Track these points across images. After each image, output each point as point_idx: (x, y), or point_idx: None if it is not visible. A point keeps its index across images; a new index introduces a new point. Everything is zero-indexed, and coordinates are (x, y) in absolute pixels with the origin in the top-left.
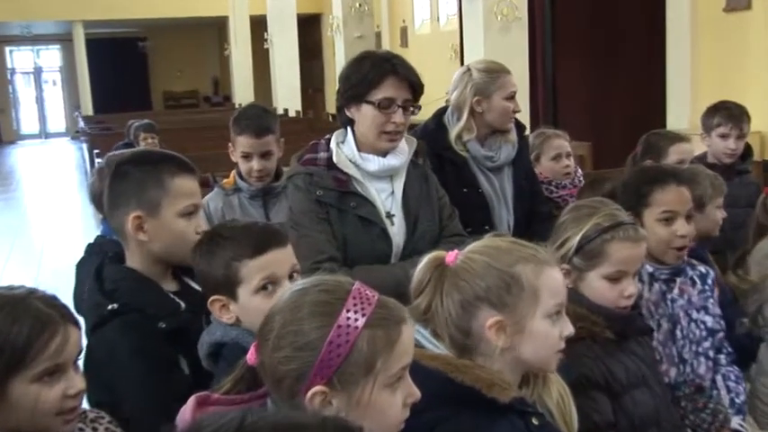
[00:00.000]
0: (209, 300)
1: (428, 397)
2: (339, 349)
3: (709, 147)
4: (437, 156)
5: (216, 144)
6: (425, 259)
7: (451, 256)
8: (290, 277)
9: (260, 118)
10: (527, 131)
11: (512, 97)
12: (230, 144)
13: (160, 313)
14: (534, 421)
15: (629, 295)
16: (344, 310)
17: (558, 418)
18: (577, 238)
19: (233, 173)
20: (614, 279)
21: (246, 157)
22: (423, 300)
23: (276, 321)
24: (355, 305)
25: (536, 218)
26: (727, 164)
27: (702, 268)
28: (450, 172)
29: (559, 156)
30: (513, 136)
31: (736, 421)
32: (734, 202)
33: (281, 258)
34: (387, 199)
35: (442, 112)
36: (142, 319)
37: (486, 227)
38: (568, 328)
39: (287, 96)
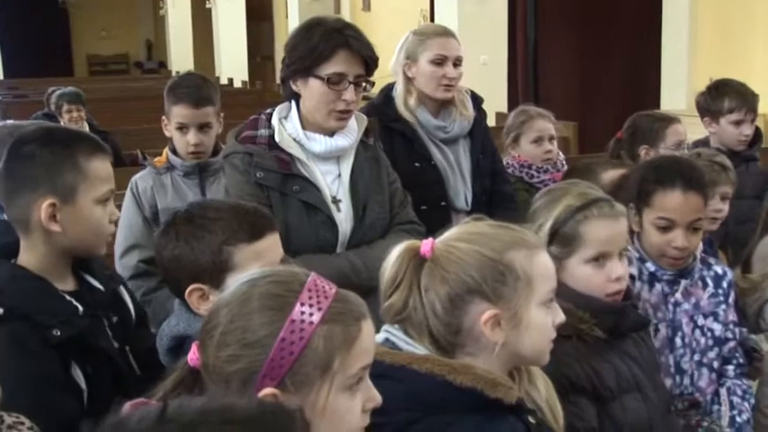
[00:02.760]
0: (188, 290)
1: (420, 404)
2: (292, 347)
3: (714, 133)
4: (386, 128)
5: (149, 117)
6: (397, 251)
7: (427, 246)
8: None
9: (199, 87)
10: (505, 109)
11: (441, 62)
12: (164, 117)
13: (53, 320)
14: (531, 420)
15: (618, 277)
16: (298, 304)
17: (548, 414)
18: (549, 223)
19: (165, 150)
20: (597, 262)
21: (182, 129)
22: (398, 298)
23: (222, 316)
24: (310, 298)
25: (497, 198)
26: (735, 151)
27: (719, 269)
28: (401, 146)
29: (541, 139)
30: (469, 108)
31: None
32: (739, 192)
33: (276, 244)
34: (333, 183)
35: (390, 86)
36: (30, 330)
37: (443, 202)
38: (560, 316)
39: (232, 64)
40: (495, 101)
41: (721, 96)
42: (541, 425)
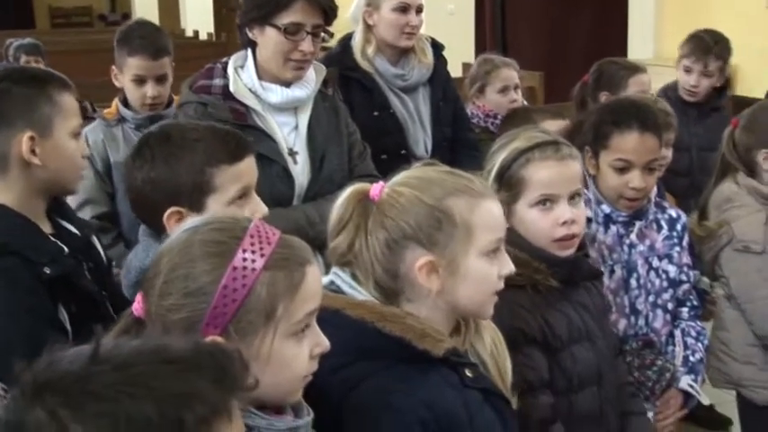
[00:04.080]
0: (167, 213)
1: (352, 350)
2: (234, 294)
3: (675, 85)
4: (344, 78)
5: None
6: (346, 193)
7: (376, 190)
8: None
9: (156, 37)
10: (472, 59)
11: (404, 10)
12: (113, 67)
13: (43, 258)
14: (468, 373)
15: (565, 221)
16: (240, 251)
17: (492, 368)
18: (496, 168)
19: (115, 101)
20: (544, 206)
21: (139, 81)
22: (343, 239)
23: (163, 264)
24: (253, 245)
25: (460, 145)
26: (699, 100)
27: (673, 212)
28: (360, 94)
29: (507, 88)
30: (429, 56)
31: (686, 381)
32: (709, 144)
33: (253, 167)
34: (290, 134)
35: (349, 35)
36: (22, 265)
37: (403, 151)
38: (508, 266)
39: (197, 16)
40: (462, 51)
41: (685, 42)
42: (479, 378)
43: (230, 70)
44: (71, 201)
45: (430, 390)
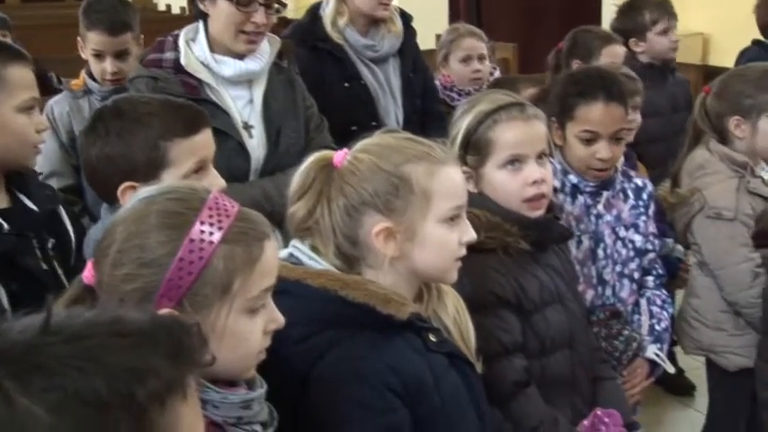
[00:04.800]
0: (121, 188)
1: (316, 319)
2: (191, 267)
3: (643, 52)
4: (313, 49)
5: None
6: (309, 160)
7: (339, 157)
8: None
9: (115, 11)
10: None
11: None
12: (79, 39)
13: None
14: (431, 338)
15: (535, 181)
16: (198, 223)
17: (455, 333)
18: (462, 133)
19: (82, 73)
20: (513, 166)
21: (98, 56)
22: (303, 205)
23: (118, 233)
24: (211, 217)
25: (429, 117)
26: (660, 64)
27: (639, 181)
28: (330, 66)
29: (469, 58)
30: (398, 25)
31: (652, 350)
32: (674, 103)
33: (210, 140)
34: (244, 108)
35: (317, 5)
36: None
37: (374, 123)
38: (469, 233)
39: None
40: (436, 23)
41: (640, 11)
42: (443, 342)
43: (181, 43)
44: None
45: (396, 355)
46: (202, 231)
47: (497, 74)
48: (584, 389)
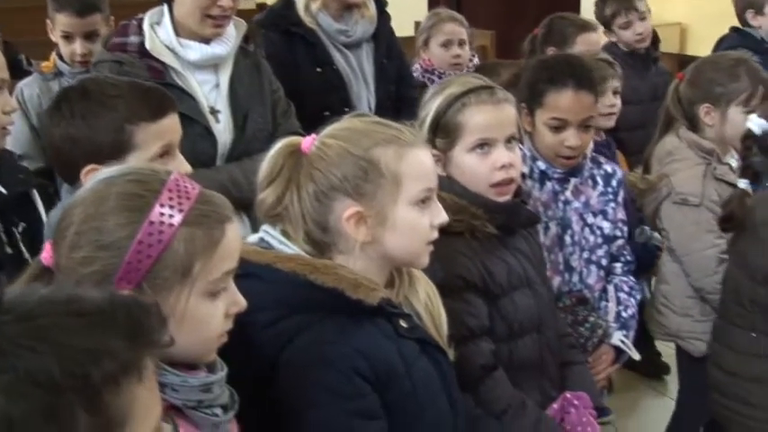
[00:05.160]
0: (84, 170)
1: (285, 303)
2: (150, 250)
3: (615, 42)
4: (286, 33)
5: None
6: (277, 146)
7: (307, 142)
8: None
9: None
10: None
11: None
12: (48, 21)
13: None
14: (402, 323)
15: (503, 165)
16: (158, 205)
17: (427, 319)
18: (431, 116)
19: (53, 55)
20: (481, 149)
21: (67, 38)
22: (272, 191)
23: (76, 215)
24: (171, 199)
25: (403, 103)
26: (642, 52)
27: (609, 167)
28: (302, 50)
29: (450, 42)
30: (372, 11)
31: (617, 337)
32: (655, 92)
33: (177, 124)
34: (211, 92)
35: None
36: None
37: (346, 108)
38: (440, 216)
39: None
40: (416, 10)
41: (605, 4)
42: (414, 328)
43: (146, 27)
44: None
45: (365, 339)
46: (162, 214)
47: (476, 61)
48: (553, 373)
